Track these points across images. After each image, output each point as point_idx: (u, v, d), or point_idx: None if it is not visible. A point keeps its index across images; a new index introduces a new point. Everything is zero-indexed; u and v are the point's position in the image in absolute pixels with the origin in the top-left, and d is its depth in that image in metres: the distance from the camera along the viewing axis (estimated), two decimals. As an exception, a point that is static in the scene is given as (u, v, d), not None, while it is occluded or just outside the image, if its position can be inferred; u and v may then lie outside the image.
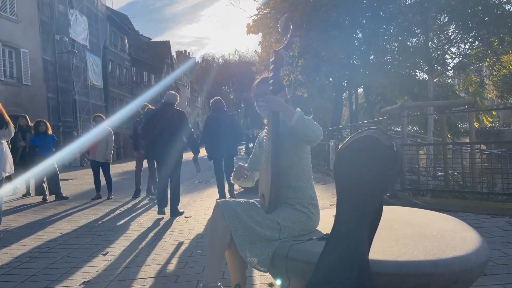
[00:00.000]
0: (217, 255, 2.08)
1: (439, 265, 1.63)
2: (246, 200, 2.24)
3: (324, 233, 2.15)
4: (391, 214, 2.43)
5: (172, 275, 3.07)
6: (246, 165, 2.42)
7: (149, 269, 3.26)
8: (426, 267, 1.63)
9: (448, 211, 4.45)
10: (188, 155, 7.48)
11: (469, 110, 7.21)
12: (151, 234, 4.59)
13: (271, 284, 2.71)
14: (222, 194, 6.48)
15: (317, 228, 2.26)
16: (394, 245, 1.86)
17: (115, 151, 27.76)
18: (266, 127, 2.27)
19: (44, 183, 8.11)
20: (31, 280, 3.21)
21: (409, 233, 2.04)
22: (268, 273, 2.17)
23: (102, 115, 8.42)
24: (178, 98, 6.17)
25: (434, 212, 2.57)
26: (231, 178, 2.43)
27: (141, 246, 4.08)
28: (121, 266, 3.40)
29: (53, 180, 8.08)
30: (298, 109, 2.10)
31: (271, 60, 2.20)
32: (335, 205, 1.93)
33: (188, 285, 2.85)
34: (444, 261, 1.65)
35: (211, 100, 6.82)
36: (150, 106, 7.79)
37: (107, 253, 3.90)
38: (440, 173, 7.57)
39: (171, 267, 3.30)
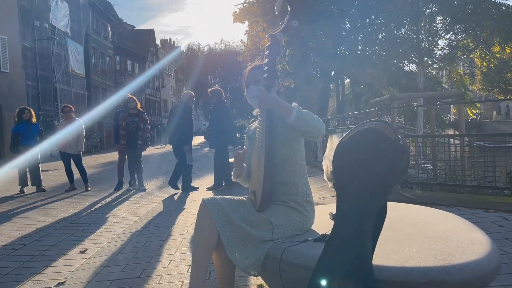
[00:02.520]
0: (203, 258, 1.89)
1: (451, 272, 1.47)
2: (235, 197, 2.05)
3: (320, 233, 1.99)
4: (389, 212, 2.27)
5: (155, 275, 2.87)
6: (239, 148, 2.11)
7: (130, 269, 3.06)
8: (437, 274, 1.47)
9: (440, 205, 4.35)
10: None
11: (459, 101, 7.12)
12: (133, 230, 4.37)
13: (261, 286, 2.54)
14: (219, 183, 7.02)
15: (312, 227, 2.09)
16: (399, 248, 1.71)
17: (98, 142, 27.24)
18: (260, 118, 2.07)
19: (27, 173, 7.82)
20: (2, 280, 2.98)
21: (412, 233, 1.89)
22: (259, 277, 2.00)
23: (71, 106, 8.09)
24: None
25: (433, 208, 2.43)
26: (232, 176, 2.24)
27: (122, 242, 3.86)
28: (100, 265, 3.19)
29: (35, 172, 7.79)
30: (295, 103, 1.92)
31: (266, 46, 2.00)
32: (332, 202, 1.76)
33: (173, 285, 2.66)
34: (456, 267, 1.49)
35: (212, 89, 7.17)
36: (131, 96, 7.53)
37: (85, 250, 3.68)
38: (427, 165, 7.50)
39: (154, 266, 3.10)
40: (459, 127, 7.40)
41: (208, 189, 7.07)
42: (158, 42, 57.32)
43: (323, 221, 2.20)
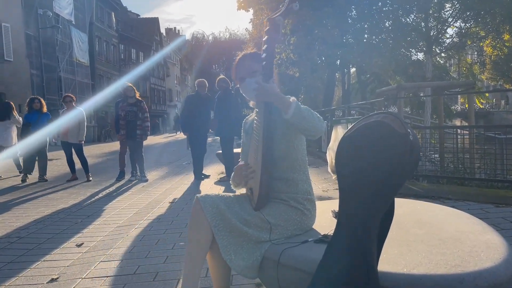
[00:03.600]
0: (196, 259, 1.78)
1: (466, 281, 1.34)
2: (231, 194, 1.92)
3: (322, 233, 1.86)
4: (395, 209, 2.14)
5: (151, 272, 2.77)
6: (242, 164, 1.98)
7: (126, 264, 2.96)
8: (450, 283, 1.33)
9: (447, 199, 4.20)
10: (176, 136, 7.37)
11: (468, 92, 6.91)
12: (132, 222, 4.27)
13: (259, 284, 2.42)
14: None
15: (313, 227, 1.96)
16: (406, 251, 1.57)
17: (101, 132, 27.21)
18: (257, 110, 1.93)
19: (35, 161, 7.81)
20: (-6, 276, 2.89)
21: (421, 234, 1.75)
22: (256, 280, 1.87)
23: (72, 96, 8.00)
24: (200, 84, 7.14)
25: (443, 206, 2.28)
26: (231, 185, 2.09)
27: (119, 236, 3.76)
28: (95, 260, 3.09)
29: (43, 160, 7.75)
30: (293, 98, 1.77)
31: (265, 31, 1.85)
32: (335, 196, 1.63)
33: (168, 284, 2.55)
34: (471, 275, 1.36)
35: (219, 79, 7.00)
36: (130, 84, 7.40)
37: (82, 244, 3.58)
38: (433, 157, 7.32)
39: (150, 261, 2.99)
40: (468, 118, 7.19)
41: (218, 182, 6.81)
42: (162, 30, 56.94)
43: (325, 219, 2.07)
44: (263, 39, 1.84)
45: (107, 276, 2.74)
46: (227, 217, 1.76)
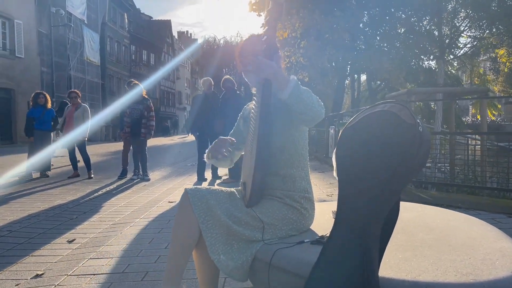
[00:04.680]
0: (180, 257, 1.63)
1: (478, 292, 1.18)
2: (224, 188, 1.77)
3: (320, 234, 1.70)
4: (400, 213, 1.97)
5: (141, 271, 2.62)
6: (228, 138, 1.83)
7: (116, 262, 2.82)
8: (460, 294, 1.17)
9: (457, 207, 4.01)
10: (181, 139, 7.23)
11: (482, 97, 6.68)
12: (128, 220, 4.14)
13: None
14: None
15: (311, 228, 1.80)
16: (411, 257, 1.41)
17: (110, 131, 27.25)
18: (255, 97, 1.79)
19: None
20: (-22, 269, 2.77)
21: (429, 240, 1.59)
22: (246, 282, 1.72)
23: (78, 91, 7.93)
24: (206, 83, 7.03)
25: (453, 211, 2.11)
26: (205, 155, 1.95)
27: (113, 233, 3.63)
28: (84, 257, 2.96)
29: (47, 156, 7.70)
30: (293, 76, 1.62)
31: (267, 10, 1.71)
32: (334, 197, 1.47)
33: (156, 284, 2.41)
34: (484, 285, 1.20)
35: (224, 80, 6.85)
36: (136, 82, 7.31)
37: (73, 240, 3.45)
38: (442, 166, 7.11)
39: (141, 260, 2.85)
40: (481, 126, 6.96)
41: (221, 183, 6.68)
42: (175, 34, 57.25)
43: (324, 220, 1.91)
44: (265, 19, 1.70)
45: (94, 274, 2.60)
46: (217, 213, 1.61)
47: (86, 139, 7.62)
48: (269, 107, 1.70)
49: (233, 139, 1.81)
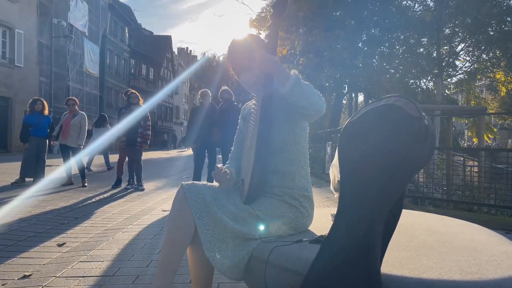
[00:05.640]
0: (173, 254, 1.57)
1: (484, 289, 1.13)
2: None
3: (319, 234, 1.65)
4: (402, 217, 1.92)
5: (131, 275, 2.55)
6: (221, 167, 1.76)
7: (106, 265, 2.74)
8: (466, 290, 1.12)
9: (455, 223, 3.97)
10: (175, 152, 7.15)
11: (480, 113, 6.71)
12: (120, 226, 4.05)
13: None
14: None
15: (309, 228, 1.75)
16: (413, 256, 1.36)
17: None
18: (255, 95, 1.76)
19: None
20: (-37, 269, 2.68)
21: (431, 242, 1.54)
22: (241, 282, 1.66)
23: (75, 99, 7.91)
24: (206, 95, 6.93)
25: (456, 219, 2.07)
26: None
27: (105, 238, 3.55)
28: (74, 260, 2.87)
29: (41, 162, 7.60)
30: (295, 70, 1.60)
31: (271, 4, 1.68)
32: (336, 203, 1.43)
33: (148, 287, 2.33)
34: (490, 283, 1.15)
35: (221, 91, 6.72)
36: (133, 91, 7.30)
37: (63, 243, 3.37)
38: (437, 183, 7.07)
39: (132, 264, 2.77)
40: (478, 142, 6.96)
41: None
42: (175, 49, 57.67)
43: (323, 222, 1.86)
44: (269, 15, 1.67)
45: (83, 276, 2.52)
46: (213, 209, 1.56)
47: (82, 147, 7.56)
48: (270, 103, 1.68)
49: (227, 171, 1.75)
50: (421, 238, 1.59)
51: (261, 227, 1.59)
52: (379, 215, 1.26)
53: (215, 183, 1.73)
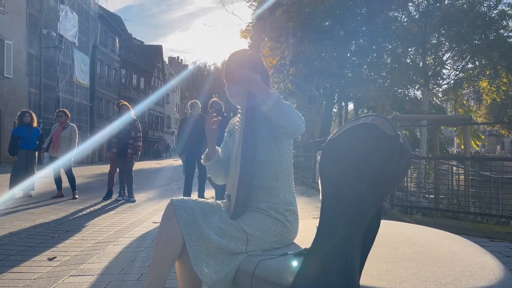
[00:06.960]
0: (162, 268, 1.62)
1: (456, 300, 1.19)
2: (210, 201, 1.78)
3: (303, 247, 1.71)
4: (383, 229, 1.99)
5: (121, 289, 2.58)
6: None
7: (97, 279, 2.76)
8: (438, 301, 1.19)
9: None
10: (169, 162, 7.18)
11: (466, 123, 6.87)
12: (111, 239, 4.07)
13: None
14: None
15: (294, 241, 1.81)
16: (392, 268, 1.42)
17: (97, 153, 27.00)
18: (239, 111, 1.83)
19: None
20: (-47, 285, 2.69)
21: (410, 253, 1.61)
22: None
23: (67, 111, 7.92)
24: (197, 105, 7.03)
25: (436, 229, 2.14)
26: (203, 158, 2.02)
27: (95, 252, 3.57)
28: (65, 274, 2.89)
29: (30, 175, 7.57)
30: (276, 90, 1.67)
31: (251, 26, 1.76)
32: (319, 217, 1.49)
33: (138, 301, 2.37)
34: (462, 294, 1.21)
35: (211, 102, 6.67)
36: (125, 103, 7.34)
37: (54, 258, 3.38)
38: (428, 192, 7.19)
39: (123, 278, 2.80)
40: (464, 151, 7.10)
41: None
42: (165, 59, 57.76)
43: (308, 235, 1.92)
44: (249, 35, 1.75)
45: (73, 291, 2.55)
46: (201, 225, 1.62)
47: (73, 159, 7.56)
48: (253, 120, 1.74)
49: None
50: (401, 250, 1.65)
51: (248, 242, 1.64)
52: (357, 229, 1.32)
53: (205, 199, 1.79)
